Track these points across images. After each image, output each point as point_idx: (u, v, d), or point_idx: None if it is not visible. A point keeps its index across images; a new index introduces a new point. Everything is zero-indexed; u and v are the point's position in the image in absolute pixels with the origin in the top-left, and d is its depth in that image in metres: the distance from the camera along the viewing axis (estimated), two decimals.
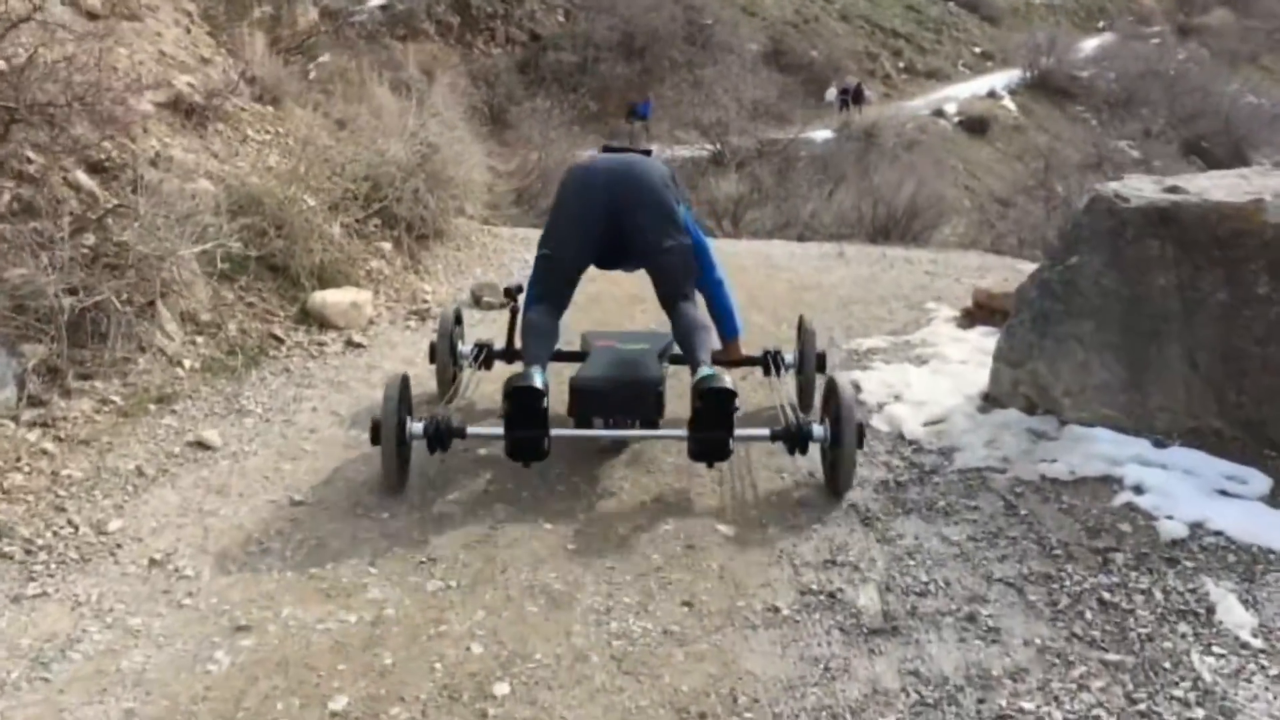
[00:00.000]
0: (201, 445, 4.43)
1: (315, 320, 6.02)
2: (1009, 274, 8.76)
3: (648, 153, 4.72)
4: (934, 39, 48.28)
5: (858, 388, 5.38)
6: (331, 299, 6.07)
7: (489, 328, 6.45)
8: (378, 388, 5.27)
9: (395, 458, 4.01)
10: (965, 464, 4.36)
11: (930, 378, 5.43)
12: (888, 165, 21.04)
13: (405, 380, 4.16)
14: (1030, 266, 9.76)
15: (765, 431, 4.08)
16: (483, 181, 8.90)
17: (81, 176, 5.67)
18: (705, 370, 3.97)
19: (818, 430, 4.04)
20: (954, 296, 7.54)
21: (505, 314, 5.48)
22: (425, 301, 6.90)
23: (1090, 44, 50.89)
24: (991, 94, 43.27)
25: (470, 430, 4.13)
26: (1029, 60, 45.82)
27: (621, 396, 4.35)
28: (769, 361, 5.00)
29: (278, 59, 11.13)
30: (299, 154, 7.74)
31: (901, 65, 44.51)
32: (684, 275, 4.39)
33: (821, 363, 5.09)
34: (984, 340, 6.00)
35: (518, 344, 4.60)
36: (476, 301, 6.97)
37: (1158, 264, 4.41)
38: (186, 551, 3.61)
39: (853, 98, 35.82)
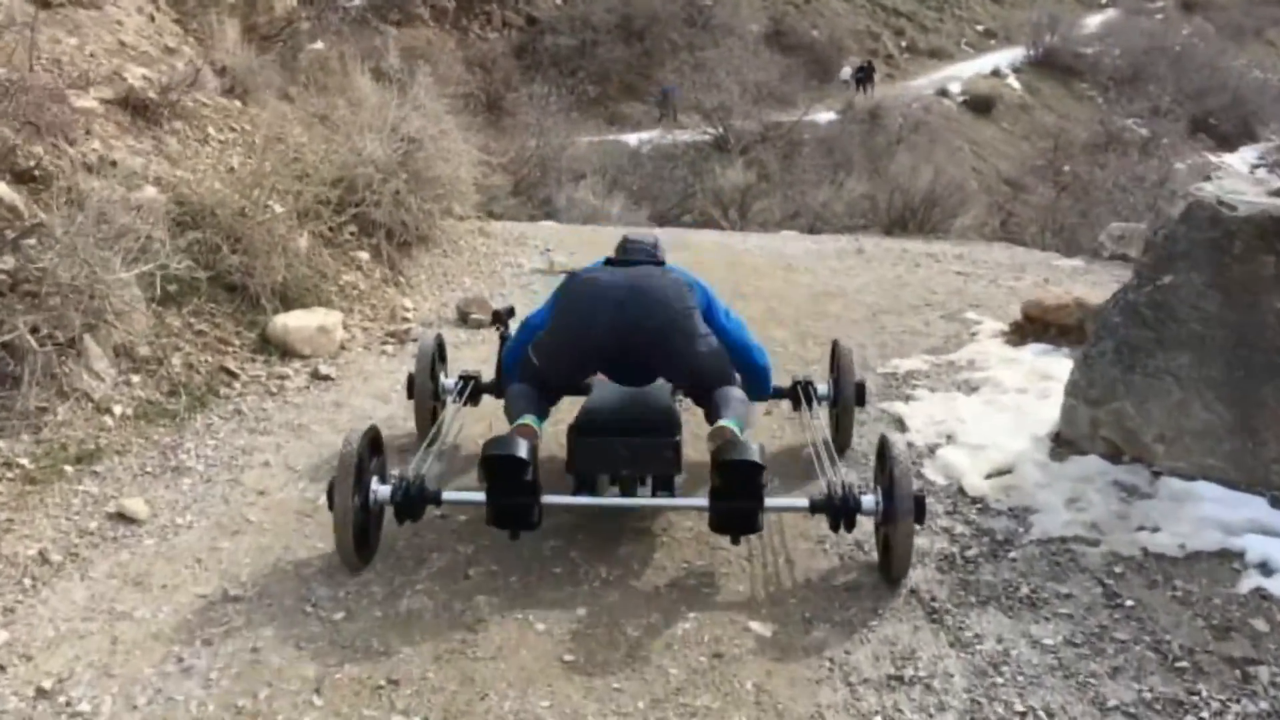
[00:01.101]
0: (124, 518, 3.67)
1: (277, 348, 5.27)
2: (1047, 272, 8.03)
3: (661, 263, 4.00)
4: (936, 17, 47.54)
5: (901, 425, 4.64)
6: (295, 323, 5.31)
7: (476, 350, 5.73)
8: (345, 432, 4.52)
9: (351, 534, 3.29)
10: (1046, 531, 3.60)
11: (985, 411, 4.68)
12: (904, 151, 20.18)
13: (371, 434, 3.47)
14: (1066, 263, 9.06)
15: (803, 502, 3.41)
16: (471, 178, 8.12)
17: (1, 187, 4.92)
18: (726, 422, 3.44)
19: (867, 501, 3.34)
20: (995, 303, 6.79)
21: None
22: (406, 319, 6.15)
23: (1094, 20, 50.31)
24: (996, 72, 42.55)
25: (447, 495, 3.47)
26: (1033, 38, 45.07)
27: (631, 449, 3.59)
28: (799, 394, 4.38)
29: (251, 48, 10.37)
30: (266, 154, 6.98)
31: (904, 44, 43.76)
32: (720, 371, 3.78)
33: (860, 394, 4.38)
34: (1040, 361, 5.26)
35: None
36: (463, 319, 6.22)
37: (1272, 285, 3.66)
38: (85, 675, 2.86)
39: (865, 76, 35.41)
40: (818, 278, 7.88)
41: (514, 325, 4.24)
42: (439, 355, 4.63)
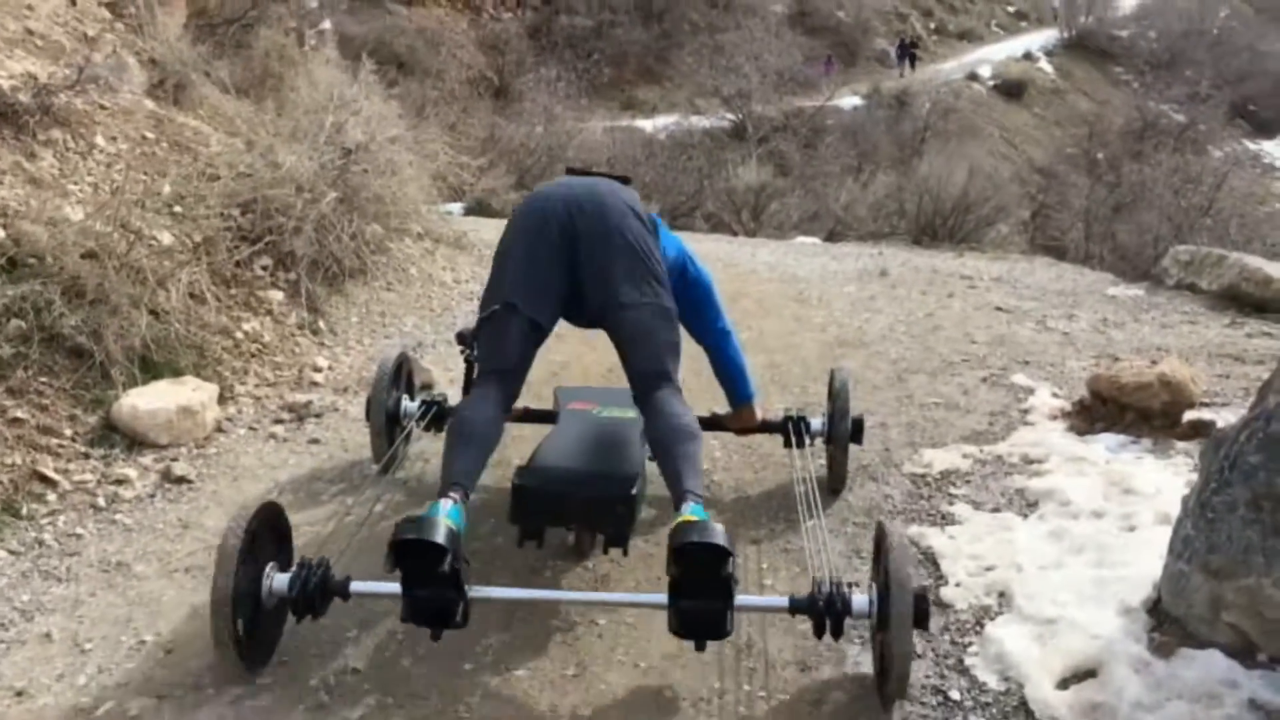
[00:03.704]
0: None
1: (124, 437, 4.08)
2: (1104, 306, 6.79)
3: (626, 180, 3.53)
4: None
5: (935, 567, 3.42)
6: (148, 404, 4.11)
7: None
8: (180, 575, 3.34)
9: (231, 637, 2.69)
10: None
11: (1052, 549, 3.44)
12: (933, 145, 18.80)
13: (268, 511, 2.86)
14: (1124, 292, 7.71)
15: (783, 601, 2.80)
16: (425, 193, 6.91)
17: None
18: (689, 508, 2.79)
19: (859, 603, 2.73)
20: (1048, 358, 5.53)
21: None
22: (314, 384, 4.95)
23: (1129, 1, 48.74)
24: (1027, 55, 41.26)
25: (356, 586, 2.82)
26: (1066, 19, 43.63)
27: (579, 504, 3.19)
28: (790, 429, 3.88)
29: (194, 37, 9.19)
30: (160, 169, 5.80)
31: (932, 26, 42.43)
32: (660, 345, 3.19)
33: (858, 431, 3.88)
34: (1118, 463, 4.02)
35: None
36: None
37: None
38: None
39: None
40: (833, 314, 6.64)
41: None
42: (402, 374, 4.13)
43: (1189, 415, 4.31)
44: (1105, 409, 4.42)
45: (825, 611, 2.72)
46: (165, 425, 4.11)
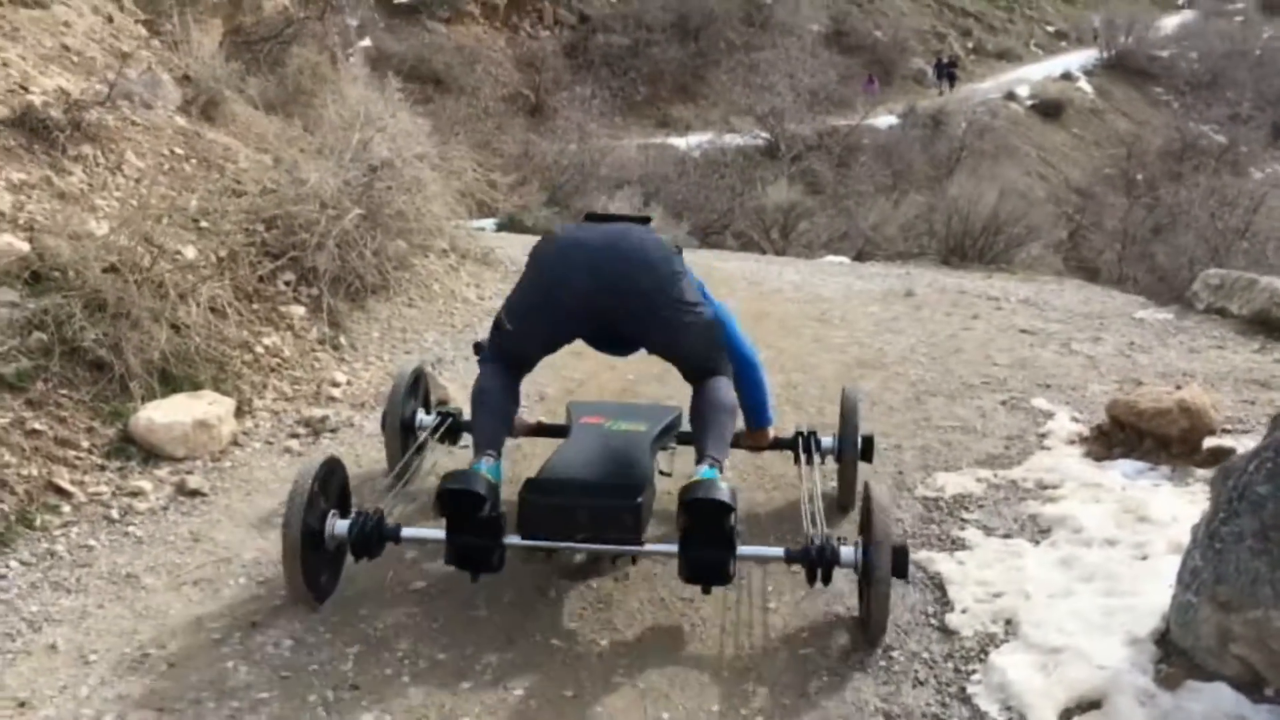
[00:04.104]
0: None
1: (140, 449, 4.12)
2: (1131, 330, 6.72)
3: (646, 220, 3.68)
4: (1005, 17, 45.98)
5: (942, 594, 3.39)
6: (164, 417, 4.15)
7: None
8: (188, 588, 3.37)
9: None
10: None
11: (1061, 577, 3.40)
12: (964, 168, 18.67)
13: (330, 465, 3.28)
14: (1152, 315, 7.62)
15: (779, 551, 3.17)
16: (449, 209, 6.94)
17: None
18: (702, 470, 3.06)
19: (846, 553, 3.08)
20: (1070, 382, 5.48)
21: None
22: (332, 399, 4.98)
23: (1170, 22, 48.60)
24: (1066, 75, 40.94)
25: (406, 532, 3.22)
26: (1106, 39, 43.35)
27: (586, 512, 3.23)
28: (800, 446, 3.96)
29: (227, 54, 9.31)
30: (188, 185, 5.87)
31: (970, 45, 42.21)
32: (704, 354, 3.41)
33: (868, 449, 4.00)
34: (1134, 490, 3.98)
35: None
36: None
37: None
38: None
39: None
40: (855, 334, 6.61)
41: None
42: (419, 387, 4.31)
43: (1209, 442, 4.25)
44: (1123, 435, 4.38)
45: (817, 561, 3.06)
46: (181, 438, 4.15)
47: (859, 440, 3.95)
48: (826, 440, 3.98)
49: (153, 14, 9.34)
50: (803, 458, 3.90)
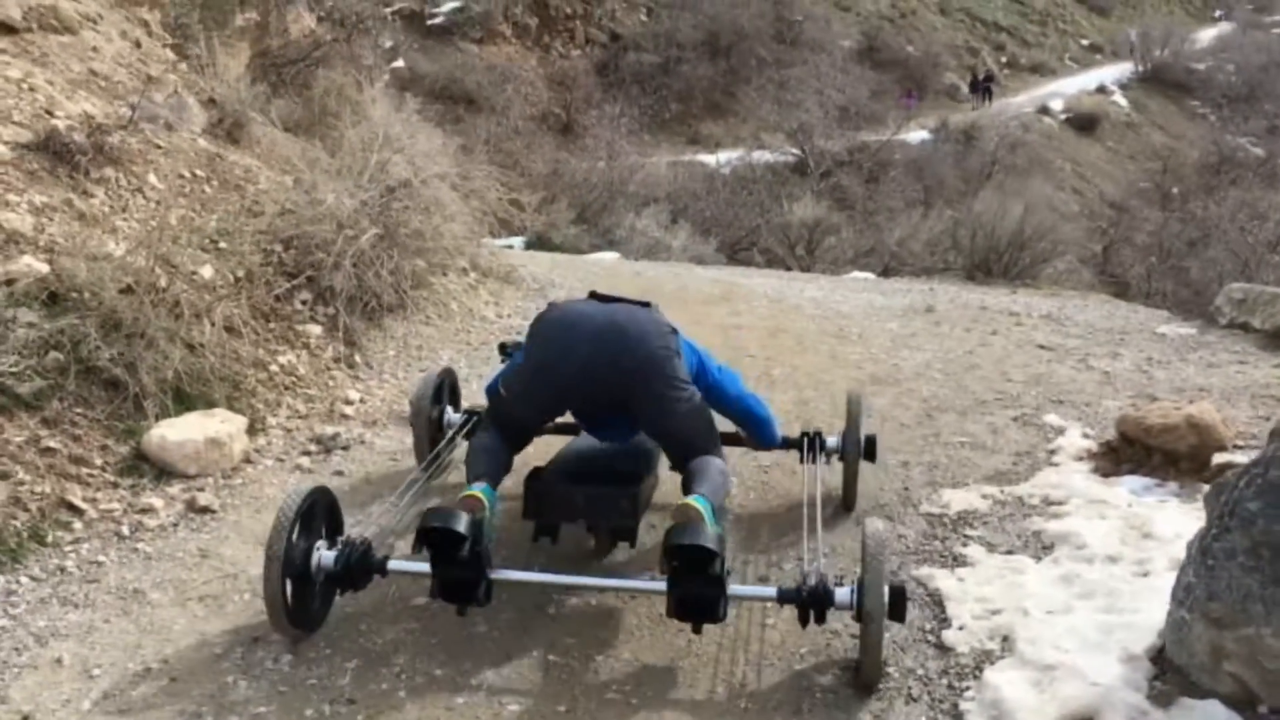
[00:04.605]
0: None
1: (153, 467, 4.19)
2: (1151, 345, 6.68)
3: (646, 305, 3.72)
4: (1039, 31, 45.81)
5: (940, 609, 3.39)
6: (177, 435, 4.22)
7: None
8: (194, 603, 3.42)
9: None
10: None
11: (1061, 594, 3.38)
12: (992, 185, 18.58)
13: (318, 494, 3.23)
14: (1174, 330, 7.54)
15: (771, 591, 3.08)
16: (468, 228, 7.00)
17: None
18: (694, 499, 3.13)
19: (841, 594, 2.97)
20: (1084, 398, 5.45)
21: None
22: (345, 416, 5.04)
23: (1207, 34, 48.23)
24: (1101, 89, 40.74)
25: (393, 564, 3.22)
26: (1142, 52, 43.06)
27: (586, 498, 3.46)
28: (805, 445, 4.09)
29: (255, 76, 9.45)
30: (207, 206, 5.97)
31: (1004, 60, 42.08)
32: (692, 434, 3.51)
33: (870, 449, 4.11)
34: (1140, 507, 3.95)
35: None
36: None
37: None
38: None
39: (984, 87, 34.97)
40: (871, 350, 6.60)
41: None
42: (445, 387, 4.51)
43: (1219, 458, 4.21)
44: (1132, 451, 4.35)
45: (810, 601, 2.97)
46: (193, 456, 4.21)
47: (861, 440, 4.06)
48: (831, 440, 4.11)
49: (181, 38, 9.51)
50: (807, 457, 4.04)
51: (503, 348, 4.06)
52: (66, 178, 5.58)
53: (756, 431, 3.98)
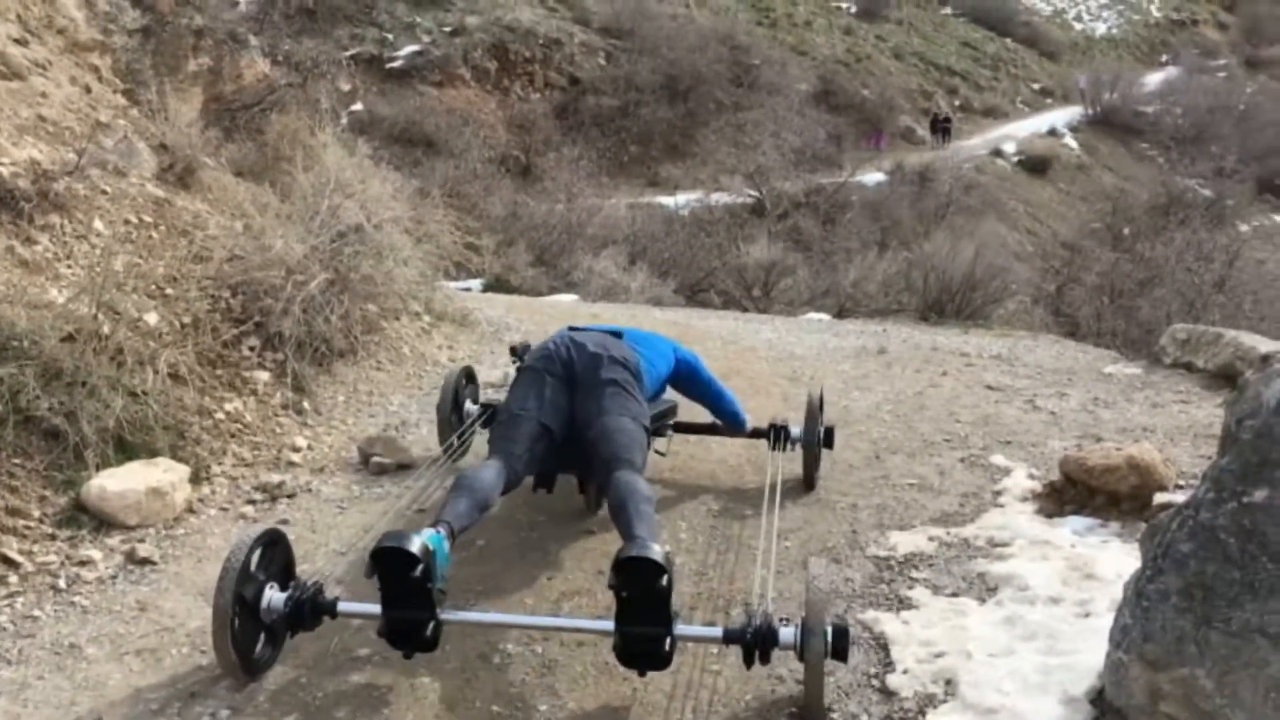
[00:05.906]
0: None
1: (93, 518, 4.13)
2: (1098, 385, 6.76)
3: (618, 334, 4.33)
4: (991, 76, 46.68)
5: (885, 654, 3.39)
6: (117, 485, 4.16)
7: (376, 504, 4.56)
8: (130, 657, 3.36)
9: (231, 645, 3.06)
10: None
11: (1003, 637, 3.40)
12: (944, 228, 18.83)
13: (268, 538, 3.25)
14: (1121, 369, 7.67)
15: (717, 632, 3.10)
16: (416, 275, 6.98)
17: None
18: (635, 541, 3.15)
19: (786, 634, 3.00)
20: (1030, 439, 5.50)
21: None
22: (292, 464, 4.99)
23: (1154, 78, 49.31)
24: (1052, 132, 41.53)
25: (343, 606, 3.21)
26: (1091, 96, 43.94)
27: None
28: (772, 435, 4.76)
29: (211, 121, 9.42)
30: (154, 252, 5.93)
31: (957, 103, 42.76)
32: (628, 439, 3.82)
33: (829, 438, 4.83)
34: (1082, 548, 3.99)
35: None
36: (364, 461, 5.04)
37: None
38: None
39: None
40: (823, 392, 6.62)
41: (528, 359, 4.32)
42: (466, 383, 5.11)
43: (1160, 498, 4.26)
44: (1075, 491, 4.40)
45: (754, 643, 3.01)
46: (134, 506, 4.16)
47: (821, 430, 4.73)
48: (795, 430, 4.75)
49: (132, 84, 9.47)
50: (774, 445, 4.69)
51: (513, 350, 4.71)
52: (9, 224, 5.52)
53: (729, 412, 4.78)
